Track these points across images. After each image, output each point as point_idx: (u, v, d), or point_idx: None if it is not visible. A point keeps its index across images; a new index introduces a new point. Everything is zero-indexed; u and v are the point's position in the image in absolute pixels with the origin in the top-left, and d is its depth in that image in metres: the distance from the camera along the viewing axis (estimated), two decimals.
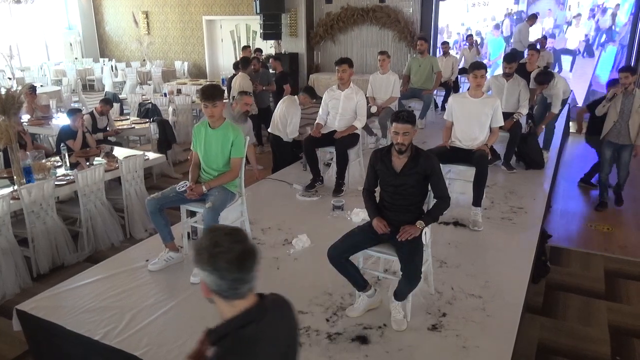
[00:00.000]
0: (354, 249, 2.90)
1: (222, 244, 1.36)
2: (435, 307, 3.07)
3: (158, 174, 6.99)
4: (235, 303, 1.40)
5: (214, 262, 1.35)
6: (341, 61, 5.03)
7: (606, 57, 11.02)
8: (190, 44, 15.33)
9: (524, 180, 5.31)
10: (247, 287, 1.39)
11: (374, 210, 2.99)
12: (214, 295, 1.40)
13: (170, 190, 3.55)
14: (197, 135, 3.62)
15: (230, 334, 1.38)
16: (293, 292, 3.24)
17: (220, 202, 3.43)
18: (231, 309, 1.40)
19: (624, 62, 10.50)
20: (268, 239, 4.02)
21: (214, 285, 1.37)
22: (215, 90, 3.43)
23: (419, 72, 7.57)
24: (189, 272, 3.42)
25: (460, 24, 12.07)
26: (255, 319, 1.40)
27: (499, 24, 11.78)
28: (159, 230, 3.52)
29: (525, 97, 5.68)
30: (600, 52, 11.00)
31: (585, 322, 3.81)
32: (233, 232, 1.40)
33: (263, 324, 1.42)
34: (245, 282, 1.38)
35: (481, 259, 3.69)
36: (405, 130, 2.83)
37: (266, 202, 4.81)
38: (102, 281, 3.40)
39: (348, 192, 5.02)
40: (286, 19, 12.57)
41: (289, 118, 5.60)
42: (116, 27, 16.30)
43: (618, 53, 10.82)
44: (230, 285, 1.37)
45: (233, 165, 3.57)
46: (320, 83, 12.13)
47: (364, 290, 2.95)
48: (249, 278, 1.39)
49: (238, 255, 1.36)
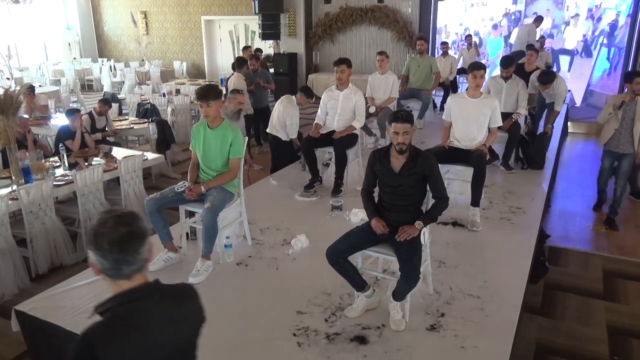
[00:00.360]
0: (352, 250, 2.90)
1: (108, 224, 1.39)
2: (434, 307, 3.07)
3: (157, 174, 6.99)
4: (120, 283, 1.44)
5: (96, 241, 1.39)
6: (339, 61, 5.03)
7: (603, 57, 11.05)
8: (188, 44, 15.33)
9: (522, 181, 5.32)
10: (131, 269, 1.42)
11: (372, 210, 2.99)
12: (101, 274, 1.44)
13: (169, 191, 3.55)
14: (196, 135, 3.63)
15: (109, 309, 1.42)
16: (292, 292, 3.28)
17: (219, 203, 3.43)
18: (116, 288, 1.44)
19: (622, 64, 10.53)
20: (267, 239, 4.02)
21: (98, 264, 1.41)
22: (210, 90, 3.42)
23: (418, 72, 7.57)
24: (187, 273, 3.42)
25: (459, 24, 12.08)
26: (135, 299, 1.43)
27: (497, 24, 11.80)
28: (158, 230, 3.52)
29: (524, 97, 5.69)
30: (598, 52, 11.03)
31: (584, 322, 3.81)
32: (125, 215, 1.44)
33: (147, 306, 1.44)
34: (129, 263, 1.41)
35: (480, 259, 3.70)
36: (405, 130, 2.83)
37: (265, 202, 4.81)
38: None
39: (347, 192, 5.02)
40: (285, 19, 12.58)
41: (287, 118, 5.60)
42: (115, 27, 16.30)
43: (615, 54, 10.85)
44: (113, 265, 1.40)
45: (232, 165, 3.58)
46: (319, 83, 12.14)
47: (363, 290, 2.95)
48: (133, 260, 1.41)
49: (121, 236, 1.39)
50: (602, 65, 11.07)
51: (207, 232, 3.37)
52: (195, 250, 3.72)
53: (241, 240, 3.99)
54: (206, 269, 3.42)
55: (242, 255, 3.75)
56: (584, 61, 11.16)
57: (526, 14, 11.59)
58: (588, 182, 6.49)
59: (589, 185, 6.31)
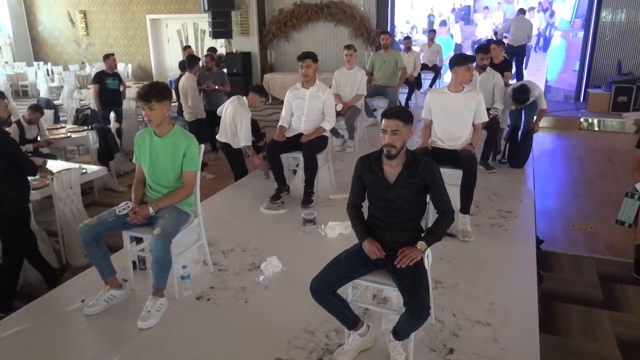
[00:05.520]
0: (342, 280, 2.35)
1: None
2: (439, 342, 2.57)
3: (100, 188, 6.21)
4: None
5: None
6: (304, 56, 4.48)
7: (555, 50, 11.05)
8: (133, 44, 14.37)
9: (505, 181, 4.96)
10: None
11: (363, 230, 2.45)
12: None
13: (108, 215, 2.88)
14: (141, 145, 2.98)
15: None
16: (267, 331, 2.68)
17: (172, 227, 2.80)
18: None
19: (579, 56, 10.55)
20: (232, 264, 3.42)
21: None
22: (152, 89, 2.78)
23: (383, 68, 7.13)
24: (136, 314, 2.77)
25: (405, 22, 11.85)
26: None
27: (445, 21, 11.60)
28: (96, 264, 2.86)
29: (500, 91, 5.35)
30: (549, 45, 11.03)
31: (591, 337, 3.43)
32: None
33: None
34: None
35: (479, 276, 3.23)
36: (394, 128, 2.31)
37: (226, 219, 4.20)
38: (25, 332, 2.71)
39: (318, 202, 4.48)
40: (237, 17, 11.96)
41: (238, 123, 4.77)
42: (51, 27, 15.09)
43: (569, 46, 10.87)
44: None
45: (186, 180, 2.96)
46: (275, 83, 11.58)
47: (356, 328, 2.42)
48: None
49: None
50: (554, 60, 11.07)
51: (158, 265, 2.74)
52: (146, 283, 3.08)
53: (201, 266, 3.37)
54: (158, 308, 2.79)
55: (202, 287, 3.13)
56: (539, 56, 11.12)
57: (475, 8, 11.46)
58: (562, 178, 6.25)
59: (564, 181, 6.06)
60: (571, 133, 9.03)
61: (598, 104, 9.44)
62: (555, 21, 10.91)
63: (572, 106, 10.12)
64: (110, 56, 7.47)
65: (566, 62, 11.12)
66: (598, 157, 7.57)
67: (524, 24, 9.54)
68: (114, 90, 7.47)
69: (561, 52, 11.10)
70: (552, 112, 9.01)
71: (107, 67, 7.43)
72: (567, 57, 11.07)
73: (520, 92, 5.41)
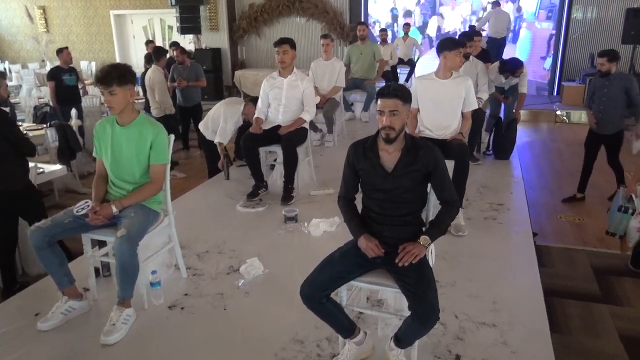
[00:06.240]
0: (337, 282, 2.07)
1: None
2: (443, 347, 2.32)
3: (61, 190, 5.78)
4: None
5: None
6: (281, 41, 4.19)
7: (523, 42, 11.06)
8: (97, 41, 13.76)
9: (492, 173, 4.78)
10: None
11: (358, 225, 2.17)
12: None
13: (64, 215, 2.52)
14: (101, 136, 2.63)
15: None
16: (250, 343, 2.37)
17: (138, 227, 2.46)
18: None
19: (547, 49, 10.57)
20: (207, 268, 3.09)
21: None
22: (114, 71, 2.44)
23: (360, 61, 6.88)
24: (99, 328, 2.42)
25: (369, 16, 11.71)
26: None
27: (411, 12, 11.48)
28: (51, 272, 2.49)
29: (484, 80, 5.16)
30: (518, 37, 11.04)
31: (593, 334, 3.25)
32: None
33: None
34: None
35: (478, 273, 3.00)
36: (392, 108, 2.03)
37: (199, 218, 3.87)
38: None
39: (299, 198, 4.19)
40: (205, 12, 11.56)
41: (222, 121, 4.57)
42: (8, 24, 14.32)
43: (534, 38, 10.88)
44: None
45: (154, 174, 2.62)
46: (247, 80, 11.22)
47: (352, 336, 2.13)
48: None
49: None
50: (525, 52, 11.06)
51: (123, 271, 2.39)
52: (110, 292, 2.73)
53: (173, 271, 3.03)
54: (125, 320, 2.44)
55: (175, 294, 2.79)
56: (509, 47, 11.10)
57: (442, 1, 11.37)
58: (544, 170, 6.12)
59: (546, 174, 5.93)
60: (547, 125, 9.00)
61: (572, 97, 9.45)
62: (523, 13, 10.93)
63: (546, 100, 10.12)
64: (63, 50, 6.88)
65: (534, 54, 11.16)
66: (577, 149, 7.49)
67: (502, 16, 9.48)
68: (71, 87, 6.94)
69: (528, 43, 11.13)
70: (528, 105, 8.95)
71: (62, 61, 6.85)
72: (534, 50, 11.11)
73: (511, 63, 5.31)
